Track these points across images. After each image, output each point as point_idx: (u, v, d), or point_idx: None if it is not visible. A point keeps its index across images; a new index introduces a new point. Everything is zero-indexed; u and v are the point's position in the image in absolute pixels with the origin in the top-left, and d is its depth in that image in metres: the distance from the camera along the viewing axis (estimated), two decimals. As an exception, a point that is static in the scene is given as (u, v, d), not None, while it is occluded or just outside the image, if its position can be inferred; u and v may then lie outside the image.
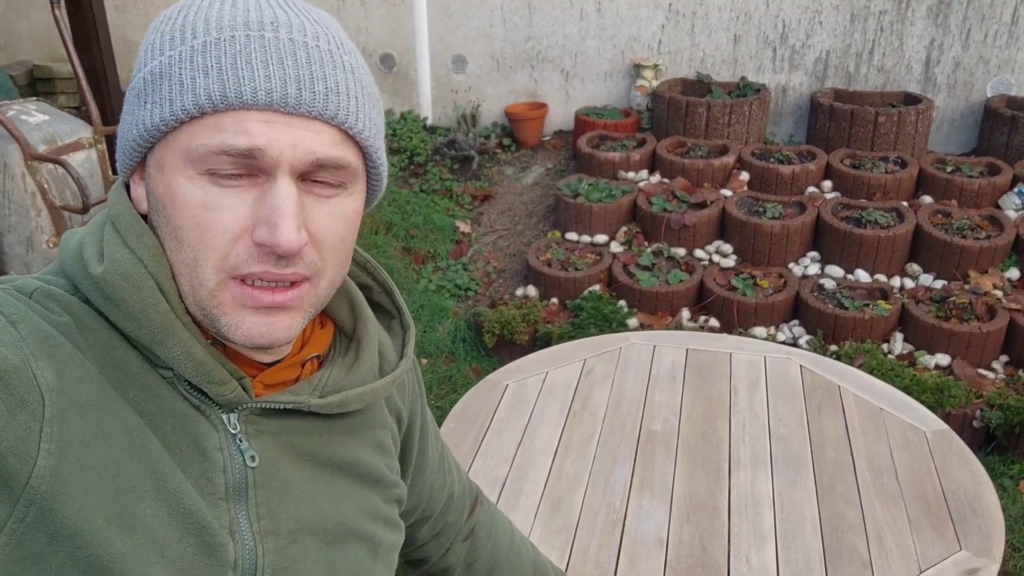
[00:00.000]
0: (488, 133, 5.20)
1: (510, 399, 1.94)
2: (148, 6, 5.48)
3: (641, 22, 4.89)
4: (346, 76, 0.67)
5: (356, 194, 0.70)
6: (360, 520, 0.81)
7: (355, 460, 0.81)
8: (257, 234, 0.64)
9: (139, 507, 0.64)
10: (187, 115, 0.63)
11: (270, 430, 0.74)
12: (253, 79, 0.63)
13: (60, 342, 0.64)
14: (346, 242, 0.71)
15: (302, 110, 0.64)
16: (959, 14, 4.42)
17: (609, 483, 1.68)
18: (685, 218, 3.97)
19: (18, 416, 0.59)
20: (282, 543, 0.73)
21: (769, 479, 1.71)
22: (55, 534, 0.60)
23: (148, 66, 0.66)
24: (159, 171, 0.66)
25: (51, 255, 3.16)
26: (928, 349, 3.39)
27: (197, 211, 0.64)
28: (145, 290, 0.66)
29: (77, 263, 0.69)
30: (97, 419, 0.63)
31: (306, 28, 0.66)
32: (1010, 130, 4.20)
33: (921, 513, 1.61)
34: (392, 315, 0.89)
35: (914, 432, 1.86)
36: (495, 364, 3.63)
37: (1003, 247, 3.65)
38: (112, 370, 0.67)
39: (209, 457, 0.70)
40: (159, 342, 0.66)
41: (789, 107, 4.85)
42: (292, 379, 0.77)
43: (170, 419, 0.68)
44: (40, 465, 0.59)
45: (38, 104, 3.36)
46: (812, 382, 2.04)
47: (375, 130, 0.70)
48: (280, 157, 0.63)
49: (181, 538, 0.66)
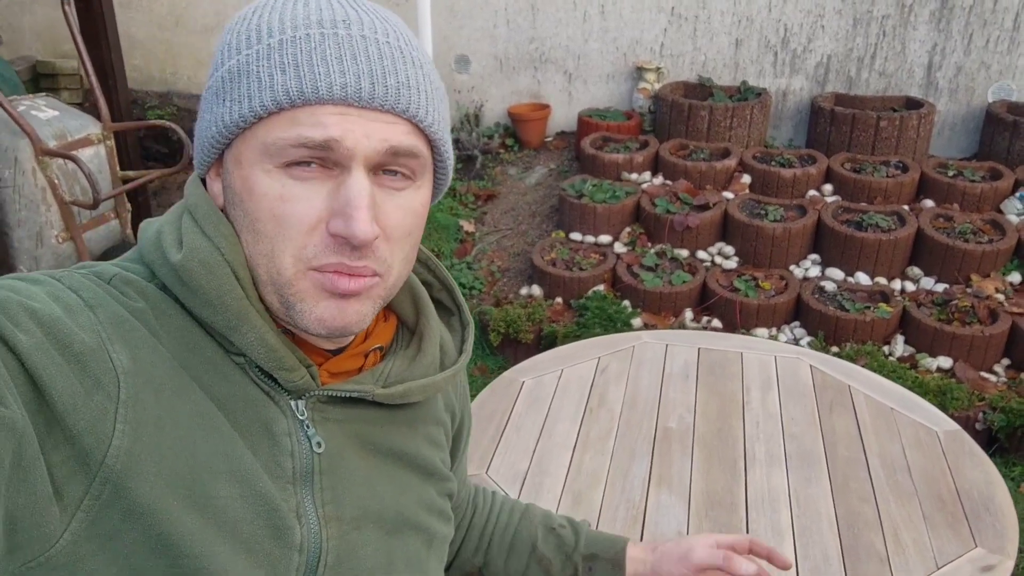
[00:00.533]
0: (491, 133, 5.22)
1: (527, 396, 1.96)
2: (152, 3, 5.48)
3: (644, 25, 4.92)
4: (416, 71, 0.69)
5: (424, 187, 0.73)
6: (418, 511, 0.83)
7: (413, 452, 0.83)
8: (332, 225, 0.66)
9: (212, 488, 0.66)
10: (265, 111, 0.65)
11: (335, 418, 0.76)
12: (328, 75, 0.65)
13: (135, 327, 0.66)
14: (413, 235, 0.73)
15: (375, 104, 0.66)
16: (961, 20, 4.46)
17: (628, 478, 1.70)
18: (688, 220, 4.00)
19: (95, 397, 0.61)
20: (345, 529, 0.75)
21: (784, 476, 1.73)
22: (128, 512, 0.62)
23: (226, 65, 0.68)
24: (237, 166, 0.69)
25: (60, 250, 3.16)
26: (930, 352, 3.42)
27: (274, 203, 0.66)
28: (222, 277, 0.68)
29: (156, 250, 0.71)
30: (170, 401, 0.66)
31: (376, 25, 0.69)
32: (1011, 135, 4.24)
33: (936, 511, 1.64)
34: (451, 312, 0.91)
35: (926, 432, 1.88)
36: (500, 363, 3.65)
37: (1005, 251, 3.69)
38: (186, 354, 0.69)
39: (278, 441, 0.72)
40: (234, 328, 0.69)
41: (789, 111, 4.88)
42: (356, 369, 0.79)
43: (241, 403, 0.71)
44: (115, 445, 0.61)
45: (47, 100, 3.36)
46: (822, 382, 2.07)
47: (443, 123, 0.73)
48: (355, 148, 0.66)
49: (252, 519, 0.68)
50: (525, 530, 1.10)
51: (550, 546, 1.08)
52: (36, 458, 0.57)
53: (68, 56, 5.56)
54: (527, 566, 1.08)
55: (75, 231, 3.19)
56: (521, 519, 1.11)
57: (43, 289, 0.64)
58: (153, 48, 5.61)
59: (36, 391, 0.58)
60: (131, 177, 3.45)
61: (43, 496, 0.58)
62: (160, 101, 5.52)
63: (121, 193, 3.37)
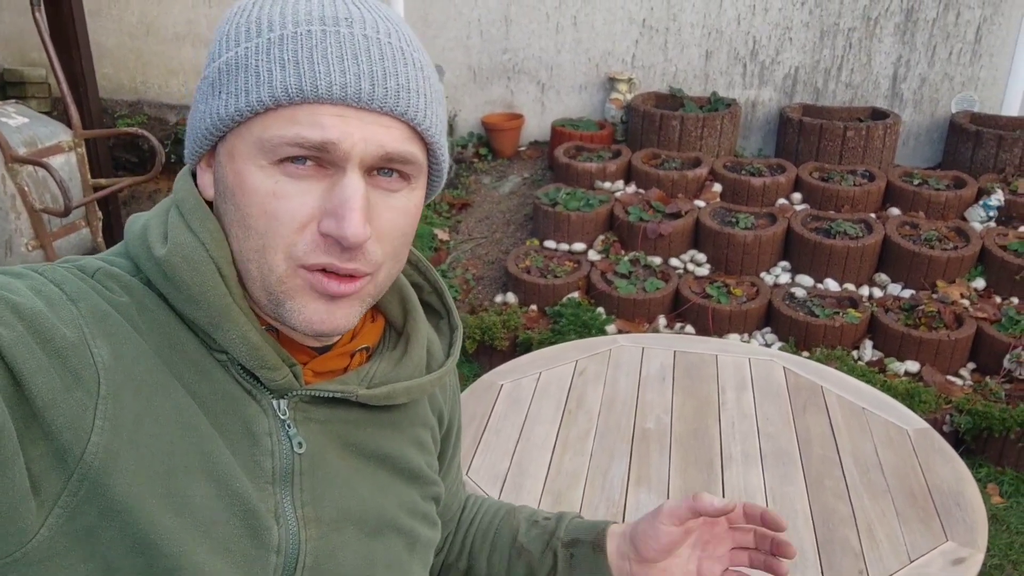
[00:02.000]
0: (465, 143, 5.24)
1: (506, 398, 1.98)
2: (123, 11, 5.44)
3: (616, 37, 4.98)
4: (416, 73, 0.68)
5: (418, 189, 0.72)
6: (400, 514, 0.82)
7: (397, 454, 0.82)
8: (324, 225, 0.65)
9: (188, 487, 0.65)
10: (263, 107, 0.64)
11: (318, 418, 0.75)
12: (329, 74, 0.64)
13: (118, 322, 0.65)
14: (406, 235, 0.72)
15: (374, 106, 0.65)
16: (925, 32, 4.56)
17: (607, 478, 1.72)
18: (661, 227, 4.04)
19: (74, 392, 0.60)
20: (324, 530, 0.74)
21: (760, 474, 1.76)
22: (106, 509, 0.61)
23: (223, 56, 0.67)
24: (230, 159, 0.68)
25: (30, 258, 3.13)
26: (898, 356, 3.48)
27: (266, 199, 0.66)
28: (205, 273, 0.67)
29: (141, 245, 0.70)
30: (150, 399, 0.65)
31: (379, 25, 0.68)
32: (974, 145, 4.35)
33: (908, 507, 1.67)
34: (441, 315, 0.90)
35: (897, 431, 1.92)
36: (475, 370, 3.66)
37: (969, 258, 3.77)
38: (168, 351, 0.68)
39: (258, 441, 0.71)
40: (216, 325, 0.68)
41: (759, 121, 4.96)
42: (341, 369, 0.78)
43: (222, 401, 0.70)
44: (94, 441, 0.60)
45: (17, 107, 3.32)
46: (796, 383, 2.10)
47: (440, 127, 0.72)
48: (351, 151, 0.65)
49: (228, 519, 0.67)
50: (507, 526, 1.06)
51: (531, 537, 1.04)
52: (15, 453, 0.57)
53: (36, 64, 5.50)
54: (509, 560, 1.04)
55: (45, 239, 3.15)
56: (504, 517, 1.08)
57: (25, 283, 0.63)
58: (123, 57, 5.56)
59: (15, 385, 0.58)
60: (102, 185, 3.42)
61: (20, 491, 0.57)
62: (130, 110, 5.48)
63: (92, 201, 3.34)
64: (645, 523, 0.94)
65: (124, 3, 5.42)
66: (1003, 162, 4.29)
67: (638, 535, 0.93)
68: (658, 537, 0.91)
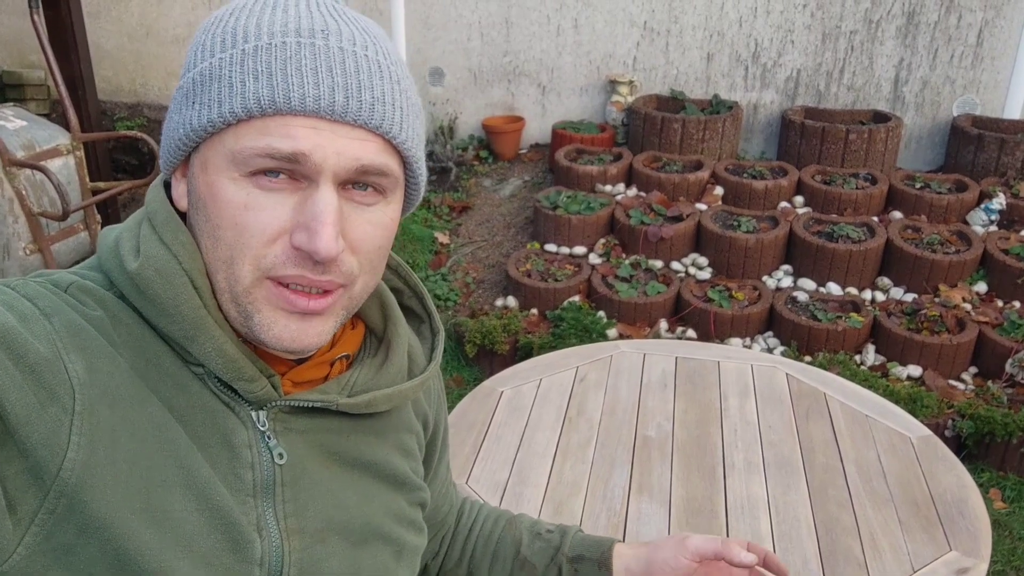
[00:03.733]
0: (465, 145, 5.23)
1: (506, 405, 1.96)
2: (122, 13, 5.43)
3: (617, 39, 4.96)
4: (392, 86, 0.68)
5: (394, 203, 0.71)
6: (385, 521, 0.81)
7: (381, 461, 0.81)
8: (296, 238, 0.65)
9: (167, 501, 0.64)
10: (235, 118, 0.64)
11: (298, 428, 0.75)
12: (302, 85, 0.63)
13: (93, 336, 0.64)
14: (382, 249, 0.71)
15: (348, 118, 0.64)
16: (927, 35, 4.55)
17: (608, 487, 1.71)
18: (662, 231, 4.02)
19: (49, 409, 0.59)
20: (308, 542, 0.73)
21: (763, 483, 1.74)
22: (84, 526, 0.60)
23: (198, 67, 0.67)
24: (203, 170, 0.67)
25: (28, 262, 3.11)
26: (900, 360, 3.47)
27: (237, 211, 0.65)
28: (179, 286, 0.67)
29: (113, 258, 0.70)
30: (127, 413, 0.64)
31: (355, 37, 0.67)
32: (976, 148, 4.33)
33: (911, 515, 1.66)
34: (422, 319, 0.90)
35: (900, 438, 1.90)
36: (476, 374, 3.65)
37: (971, 261, 3.76)
38: (144, 365, 0.67)
39: (238, 453, 0.70)
40: (191, 338, 0.67)
41: (760, 124, 4.95)
42: (321, 378, 0.77)
43: (200, 415, 0.69)
44: (70, 457, 0.60)
45: (15, 110, 3.31)
46: (799, 389, 2.09)
47: (417, 140, 0.71)
48: (324, 164, 0.64)
49: (209, 533, 0.66)
50: (509, 536, 1.07)
51: (534, 550, 1.04)
52: None
53: (35, 66, 5.49)
54: (511, 572, 1.04)
55: (43, 243, 3.14)
56: (506, 527, 1.08)
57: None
58: (123, 59, 5.56)
59: None
60: (101, 188, 3.40)
61: None
62: (130, 112, 5.46)
63: (91, 205, 3.33)
64: (666, 552, 0.98)
65: (124, 5, 5.41)
66: (1005, 165, 4.28)
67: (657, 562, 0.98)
68: (677, 569, 0.96)
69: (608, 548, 1.02)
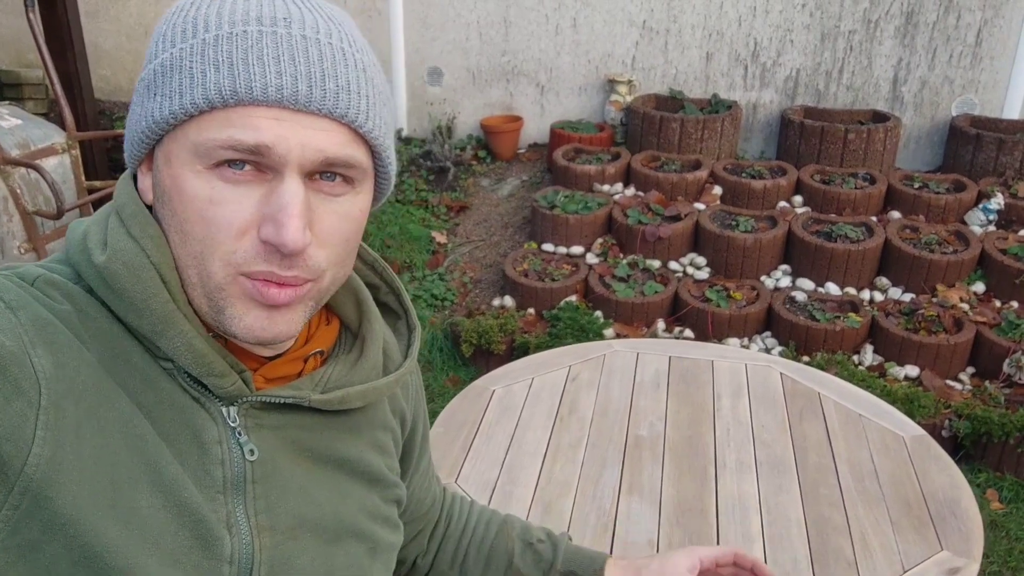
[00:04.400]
0: (463, 145, 5.23)
1: (497, 404, 1.95)
2: (120, 12, 5.43)
3: (615, 38, 4.96)
4: (358, 74, 0.66)
5: (363, 193, 0.70)
6: (359, 518, 0.81)
7: (355, 458, 0.81)
8: (263, 232, 0.64)
9: (134, 498, 0.63)
10: (196, 109, 0.63)
11: (270, 424, 0.74)
12: (264, 75, 0.62)
13: (60, 330, 0.63)
14: (351, 241, 0.70)
15: (312, 108, 0.63)
16: (925, 35, 4.54)
17: (599, 486, 1.70)
18: (660, 231, 4.02)
19: (14, 403, 0.58)
20: (279, 539, 0.73)
21: (755, 483, 1.73)
22: (49, 523, 0.59)
23: (159, 57, 0.66)
24: (167, 164, 0.66)
25: (23, 261, 3.11)
26: (897, 360, 3.46)
27: (203, 205, 0.64)
28: (147, 280, 0.66)
29: (81, 252, 0.69)
30: (94, 408, 0.63)
31: (319, 25, 0.66)
32: (974, 148, 4.32)
33: (903, 515, 1.65)
34: (398, 315, 0.89)
35: (893, 437, 1.89)
36: (472, 373, 3.64)
37: (969, 261, 3.74)
38: (112, 360, 0.66)
39: (207, 450, 0.69)
40: (159, 333, 0.66)
41: (759, 124, 4.94)
42: (294, 374, 0.77)
43: (169, 410, 0.68)
44: (35, 453, 0.59)
45: (11, 108, 3.31)
46: (793, 389, 2.08)
47: (385, 129, 0.70)
48: (288, 155, 0.63)
49: (177, 531, 0.66)
50: (502, 544, 1.07)
51: (527, 562, 1.06)
52: None
53: (33, 66, 5.49)
54: None
55: (38, 242, 3.14)
56: (498, 533, 1.09)
57: None
58: (121, 58, 5.55)
59: None
60: (97, 187, 3.40)
61: None
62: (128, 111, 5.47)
63: (87, 203, 3.32)
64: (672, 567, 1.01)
65: (122, 5, 5.41)
66: (1003, 165, 4.27)
67: None
68: None
69: (600, 567, 1.05)
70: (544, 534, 1.10)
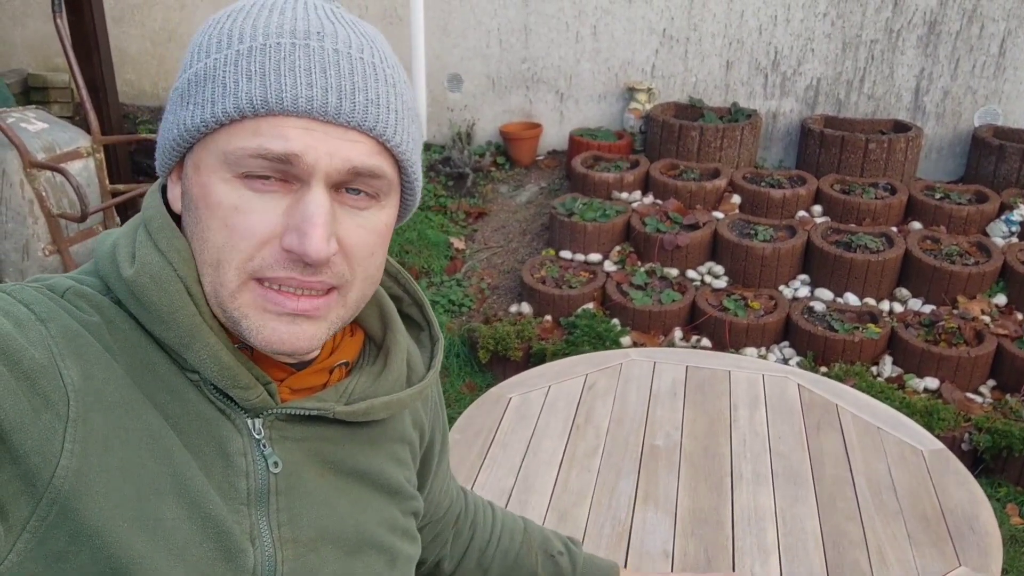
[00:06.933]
0: (482, 151, 5.24)
1: (513, 412, 1.96)
2: (145, 18, 5.49)
3: (635, 46, 4.96)
4: (387, 89, 0.67)
5: (389, 207, 0.71)
6: (379, 531, 0.81)
7: (376, 471, 0.81)
8: (286, 241, 0.64)
9: (160, 509, 0.64)
10: (227, 118, 0.64)
11: (294, 436, 0.74)
12: (295, 86, 0.63)
13: (89, 342, 0.64)
14: (376, 255, 0.71)
15: (341, 120, 0.64)
16: (948, 45, 4.51)
17: (614, 496, 1.70)
18: (678, 239, 4.01)
19: (43, 415, 0.59)
20: (301, 551, 0.73)
21: (771, 494, 1.73)
22: (76, 533, 0.60)
23: (193, 67, 0.67)
24: (196, 171, 0.67)
25: (47, 263, 3.15)
26: (917, 372, 3.43)
27: (228, 213, 0.65)
28: (173, 293, 0.66)
29: (110, 264, 0.70)
30: (121, 420, 0.64)
31: (351, 40, 0.67)
32: (997, 159, 4.28)
33: (920, 529, 1.64)
34: (421, 327, 0.90)
35: (911, 451, 1.88)
36: (488, 380, 3.64)
37: (991, 273, 3.71)
38: (140, 371, 0.67)
39: (232, 462, 0.70)
40: (186, 345, 0.67)
41: (779, 132, 4.92)
42: (320, 385, 0.77)
43: (195, 422, 0.69)
44: (63, 465, 0.60)
45: (37, 112, 3.36)
46: (810, 401, 2.07)
47: (412, 144, 0.71)
48: (316, 164, 0.64)
49: (201, 542, 0.66)
50: (525, 556, 1.11)
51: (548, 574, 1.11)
52: None
53: (59, 70, 5.56)
54: None
55: (62, 244, 3.18)
56: (522, 544, 1.13)
57: None
58: (145, 63, 5.62)
59: None
60: (121, 191, 3.44)
61: None
62: (152, 116, 5.52)
63: (110, 207, 3.36)
64: None
65: (147, 10, 5.47)
66: (1027, 176, 4.23)
67: None
68: None
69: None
70: (562, 545, 1.14)
